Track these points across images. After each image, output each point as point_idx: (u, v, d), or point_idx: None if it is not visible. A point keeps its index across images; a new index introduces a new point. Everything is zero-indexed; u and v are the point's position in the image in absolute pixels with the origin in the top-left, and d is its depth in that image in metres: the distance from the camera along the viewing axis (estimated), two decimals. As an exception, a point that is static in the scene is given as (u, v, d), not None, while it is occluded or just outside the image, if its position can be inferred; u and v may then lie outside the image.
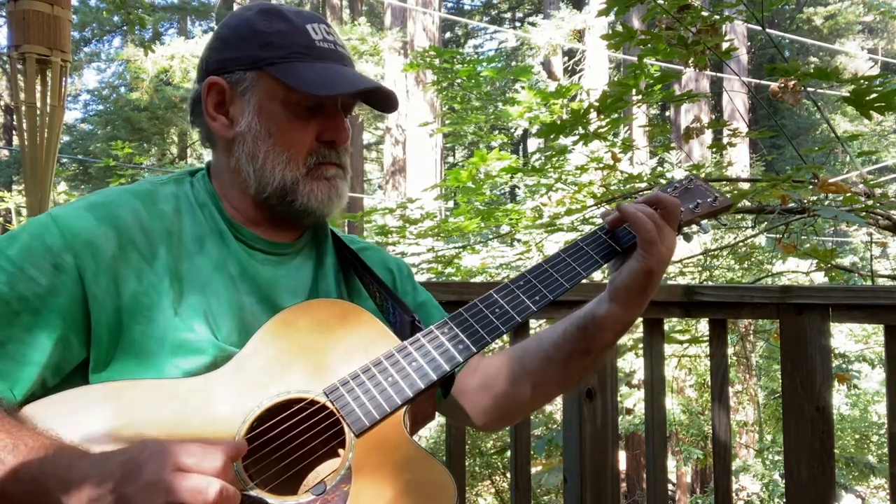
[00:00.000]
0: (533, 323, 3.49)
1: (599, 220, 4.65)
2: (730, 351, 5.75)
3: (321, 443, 0.96)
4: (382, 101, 1.10)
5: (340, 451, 0.96)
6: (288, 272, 1.11)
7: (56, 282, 0.94)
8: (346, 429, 0.94)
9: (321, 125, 1.07)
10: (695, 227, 1.20)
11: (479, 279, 5.02)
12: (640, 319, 2.00)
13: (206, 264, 1.03)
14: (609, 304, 1.09)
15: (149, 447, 0.78)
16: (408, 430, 0.97)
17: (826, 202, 3.22)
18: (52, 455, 0.81)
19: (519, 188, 7.10)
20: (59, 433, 0.86)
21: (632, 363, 6.49)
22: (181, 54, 13.15)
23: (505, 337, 1.16)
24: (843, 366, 7.38)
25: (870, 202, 3.09)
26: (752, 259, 6.08)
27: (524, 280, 1.07)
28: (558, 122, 3.87)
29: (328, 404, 0.95)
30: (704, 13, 3.06)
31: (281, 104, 1.05)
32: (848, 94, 2.69)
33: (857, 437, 8.63)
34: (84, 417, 0.89)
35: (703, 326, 5.43)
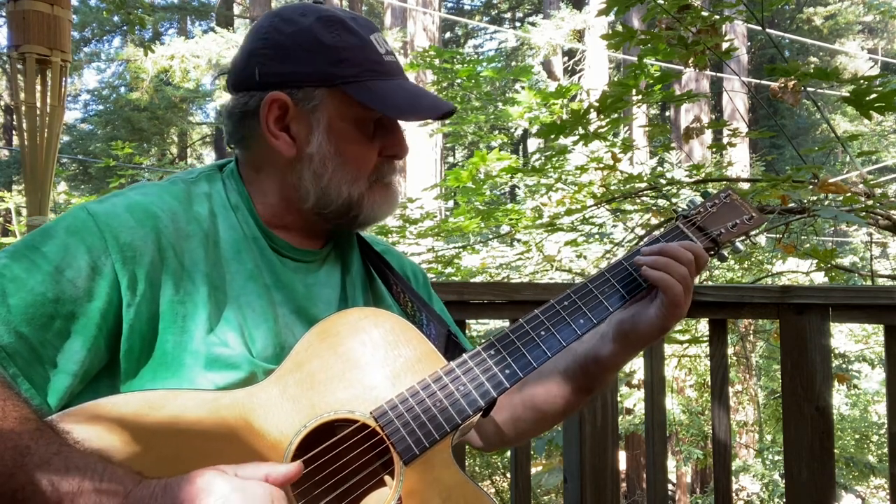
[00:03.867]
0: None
1: (599, 220, 4.61)
2: (730, 351, 5.75)
3: (366, 464, 0.95)
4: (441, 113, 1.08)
5: (386, 476, 0.95)
6: (318, 280, 1.09)
7: (94, 285, 0.90)
8: (395, 456, 0.92)
9: (384, 140, 1.05)
10: (728, 246, 1.18)
11: (479, 279, 5.02)
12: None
13: (240, 273, 1.00)
14: (612, 346, 1.10)
15: (209, 483, 0.75)
16: (451, 448, 0.97)
17: (826, 202, 3.22)
18: (107, 481, 0.76)
19: (519, 188, 7.11)
20: (100, 449, 0.82)
21: (632, 363, 6.49)
22: (181, 54, 13.14)
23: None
24: (843, 366, 7.39)
25: (870, 202, 3.09)
26: (752, 259, 6.09)
27: (569, 300, 1.06)
28: (558, 122, 3.87)
29: (377, 429, 0.93)
30: (704, 13, 3.06)
31: (353, 124, 1.02)
32: (848, 94, 2.68)
33: (857, 437, 8.63)
34: (124, 432, 0.85)
35: (703, 326, 5.43)
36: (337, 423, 0.93)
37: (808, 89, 2.93)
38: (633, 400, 7.41)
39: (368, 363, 0.97)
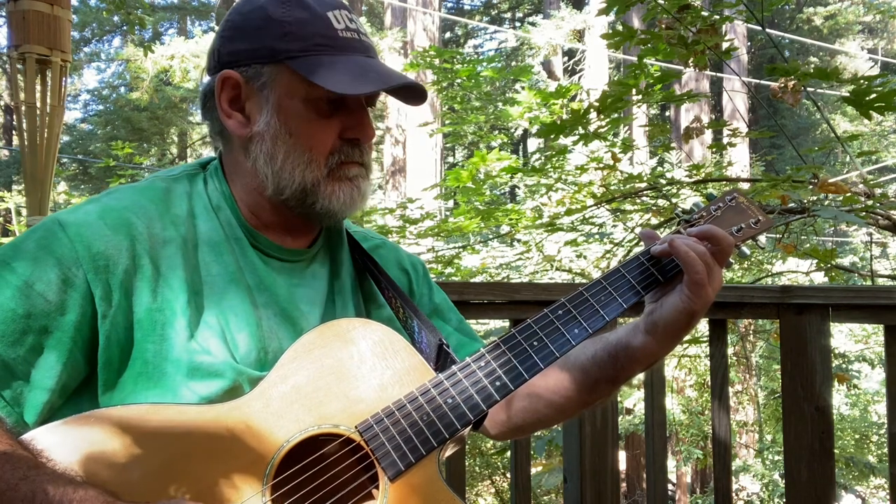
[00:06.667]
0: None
1: (600, 220, 4.60)
2: (730, 351, 5.75)
3: (351, 478, 0.92)
4: (409, 94, 1.02)
5: (373, 489, 0.93)
6: (303, 281, 1.06)
7: (66, 298, 0.87)
8: (380, 472, 0.90)
9: (344, 122, 1.00)
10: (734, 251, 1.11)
11: (479, 279, 5.02)
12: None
13: (221, 275, 0.97)
14: (644, 337, 1.03)
15: None
16: (441, 463, 0.94)
17: (826, 202, 3.21)
18: None
19: (519, 188, 7.11)
20: (78, 469, 0.80)
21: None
22: (181, 54, 13.15)
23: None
24: (843, 366, 7.39)
25: (870, 202, 3.09)
26: (752, 259, 6.08)
27: (564, 309, 1.00)
28: (558, 122, 3.87)
29: (362, 444, 0.91)
30: (704, 13, 3.06)
31: (302, 101, 0.97)
32: (848, 94, 2.69)
33: (857, 437, 8.63)
34: (104, 450, 0.82)
35: (703, 326, 5.43)
36: (322, 438, 0.91)
37: (808, 89, 2.93)
38: (633, 400, 7.41)
39: (355, 376, 0.94)
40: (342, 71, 0.95)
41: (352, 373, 0.94)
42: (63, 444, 0.82)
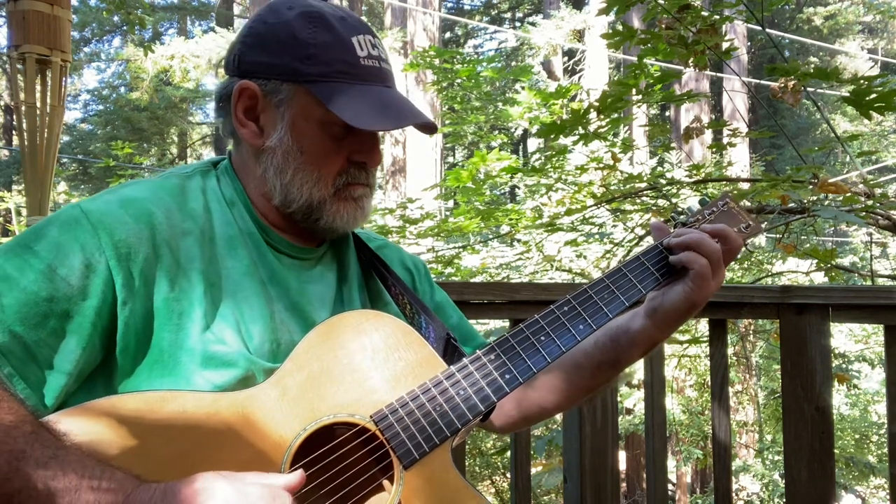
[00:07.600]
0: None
1: (600, 220, 4.60)
2: (730, 351, 5.75)
3: (365, 468, 0.94)
4: (422, 126, 1.06)
5: (385, 480, 0.94)
6: (311, 278, 1.08)
7: (88, 283, 0.89)
8: (395, 461, 0.92)
9: (354, 146, 1.03)
10: None
11: (479, 279, 5.02)
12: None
13: (236, 268, 0.99)
14: (644, 321, 1.10)
15: (210, 486, 0.75)
16: (451, 452, 0.96)
17: (826, 202, 3.21)
18: (105, 484, 0.75)
19: (519, 188, 7.11)
20: (97, 451, 0.81)
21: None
22: (181, 54, 13.15)
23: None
24: (843, 366, 7.39)
25: (870, 202, 3.09)
26: (752, 259, 6.08)
27: (562, 311, 1.04)
28: (558, 122, 3.87)
29: (377, 433, 0.93)
30: (704, 13, 3.06)
31: (317, 124, 1.00)
32: (848, 94, 2.68)
33: (857, 437, 8.63)
34: (122, 436, 0.84)
35: (703, 326, 5.43)
36: (337, 427, 0.93)
37: (808, 89, 2.93)
38: (633, 400, 7.41)
39: (369, 367, 0.96)
40: (360, 102, 0.97)
41: (365, 364, 0.96)
42: (82, 429, 0.82)
